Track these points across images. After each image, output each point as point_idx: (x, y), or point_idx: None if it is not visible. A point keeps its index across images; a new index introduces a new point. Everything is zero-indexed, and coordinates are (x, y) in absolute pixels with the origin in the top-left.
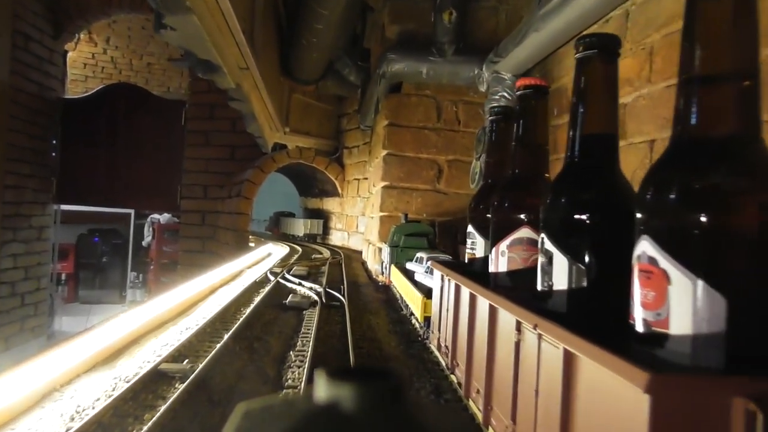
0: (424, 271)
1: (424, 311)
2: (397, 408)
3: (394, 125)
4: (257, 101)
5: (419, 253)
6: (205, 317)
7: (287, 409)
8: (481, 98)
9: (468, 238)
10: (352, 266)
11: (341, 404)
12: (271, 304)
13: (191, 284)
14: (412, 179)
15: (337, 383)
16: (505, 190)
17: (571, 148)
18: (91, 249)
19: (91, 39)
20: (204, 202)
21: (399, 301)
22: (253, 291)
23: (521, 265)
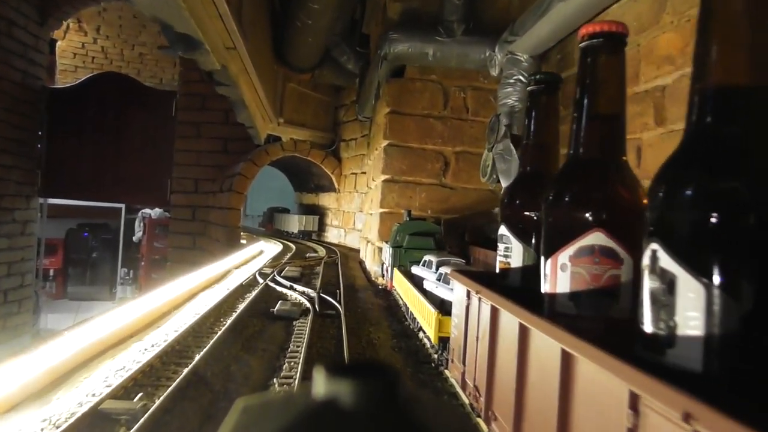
0: (436, 280)
1: (439, 330)
2: (394, 403)
3: (396, 113)
4: (247, 87)
5: (427, 256)
6: (177, 329)
7: (286, 404)
8: (492, 84)
9: (500, 242)
10: (348, 266)
11: (339, 400)
12: (256, 313)
13: (169, 288)
14: (415, 172)
15: (335, 379)
16: (566, 180)
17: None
18: (80, 244)
19: (80, 28)
20: (195, 196)
21: (402, 308)
22: (238, 296)
23: (591, 285)
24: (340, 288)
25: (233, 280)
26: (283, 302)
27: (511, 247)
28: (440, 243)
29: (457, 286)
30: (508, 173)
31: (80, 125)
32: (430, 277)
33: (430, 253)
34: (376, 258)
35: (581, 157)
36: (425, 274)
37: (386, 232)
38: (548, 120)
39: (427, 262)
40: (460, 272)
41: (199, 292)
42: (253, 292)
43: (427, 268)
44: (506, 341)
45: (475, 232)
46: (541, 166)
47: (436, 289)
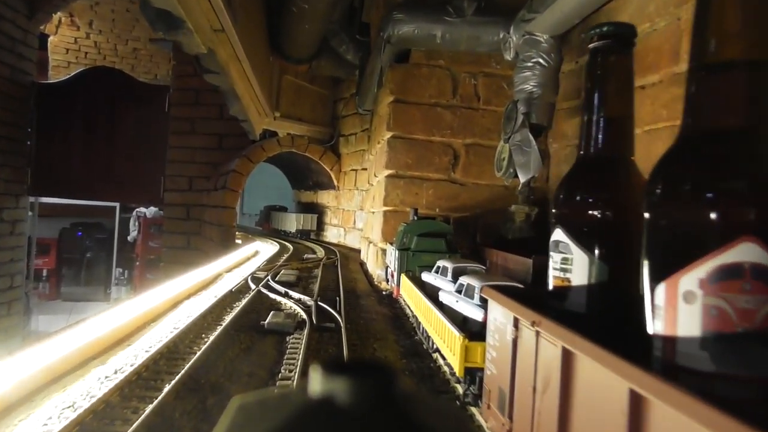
0: (456, 291)
1: (465, 359)
2: (392, 401)
3: (400, 102)
4: (239, 76)
5: (441, 262)
6: (149, 349)
7: (282, 402)
8: (505, 70)
9: (555, 250)
10: (349, 268)
11: (336, 398)
12: (245, 326)
13: (149, 297)
14: (422, 167)
15: (332, 377)
16: (691, 163)
17: None
18: (74, 244)
19: (72, 22)
20: (189, 194)
21: (411, 319)
22: (225, 305)
23: (739, 325)
24: (340, 294)
25: (223, 285)
26: (276, 313)
27: (572, 258)
28: (452, 245)
29: (495, 308)
30: (527, 166)
31: (70, 121)
32: (446, 286)
33: (443, 257)
34: (379, 261)
35: (712, 130)
36: (440, 284)
37: (390, 232)
38: (621, 86)
39: (441, 269)
40: (498, 289)
41: (183, 299)
42: (243, 301)
43: (441, 275)
44: (595, 408)
45: (488, 232)
46: (611, 148)
47: (456, 303)
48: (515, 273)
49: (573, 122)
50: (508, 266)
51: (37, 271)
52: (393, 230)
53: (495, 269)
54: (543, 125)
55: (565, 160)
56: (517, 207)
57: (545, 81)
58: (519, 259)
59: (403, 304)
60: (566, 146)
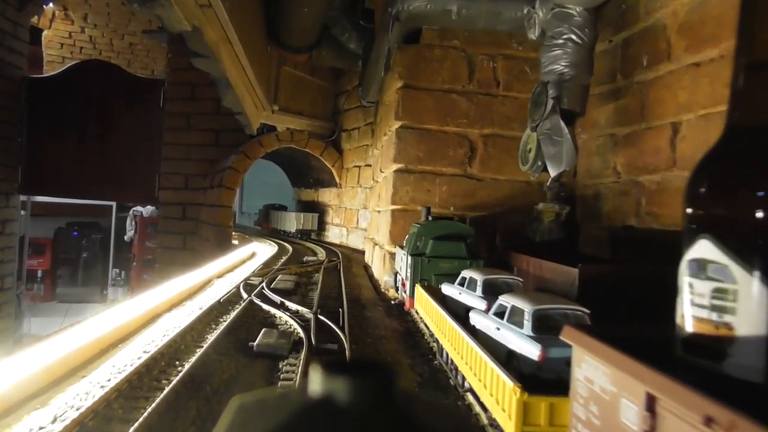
0: (494, 314)
1: (524, 420)
2: (391, 401)
3: (410, 87)
4: (231, 61)
5: (468, 272)
6: (106, 383)
7: (282, 402)
8: (528, 51)
9: (698, 275)
10: (352, 272)
11: (335, 398)
12: (230, 348)
13: (127, 308)
14: (434, 160)
15: (331, 377)
16: None
17: None
18: (69, 244)
19: (67, 16)
20: (185, 193)
21: (427, 337)
22: (211, 320)
23: None
24: (343, 304)
25: (211, 293)
26: (268, 331)
27: (735, 290)
28: (474, 250)
29: (593, 365)
30: (558, 158)
31: (62, 117)
32: (476, 304)
33: (464, 265)
34: (386, 265)
35: None
36: (468, 300)
37: (399, 233)
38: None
39: (468, 281)
40: (591, 332)
41: (164, 312)
42: (231, 314)
43: (468, 289)
44: None
45: (509, 234)
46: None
47: (496, 331)
48: (554, 285)
49: (606, 109)
50: (544, 276)
51: (31, 271)
52: (402, 231)
53: (523, 277)
54: (576, 111)
55: (597, 152)
56: (545, 205)
57: (578, 60)
58: (560, 268)
59: (417, 318)
60: (598, 136)
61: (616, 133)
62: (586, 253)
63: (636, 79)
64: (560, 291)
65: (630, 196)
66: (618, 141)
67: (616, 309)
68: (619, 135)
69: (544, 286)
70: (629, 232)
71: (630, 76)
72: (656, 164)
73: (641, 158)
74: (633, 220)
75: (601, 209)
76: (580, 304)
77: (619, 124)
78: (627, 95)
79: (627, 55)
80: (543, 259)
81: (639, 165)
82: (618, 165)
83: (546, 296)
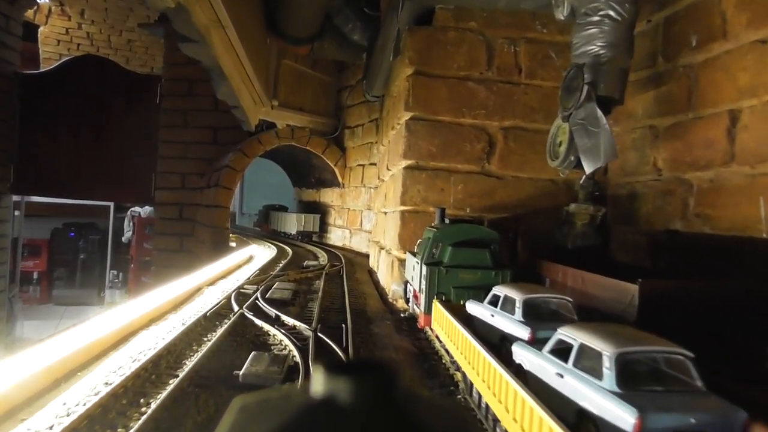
0: (552, 351)
1: None
2: (392, 401)
3: (422, 74)
4: (224, 48)
5: (501, 290)
6: (53, 426)
7: (284, 402)
8: (554, 34)
9: None
10: (356, 278)
11: (337, 398)
12: (210, 379)
13: (97, 324)
14: (448, 156)
15: (333, 377)
16: None
17: None
18: (66, 245)
19: (63, 12)
20: (182, 193)
21: (449, 364)
22: (193, 339)
23: None
24: (347, 319)
25: (199, 304)
26: (258, 355)
27: None
28: (499, 258)
29: None
30: (594, 152)
31: (56, 115)
32: (517, 332)
33: (489, 275)
34: (395, 273)
35: None
36: (504, 325)
37: (409, 237)
38: None
39: (503, 301)
40: None
41: (140, 329)
42: (218, 331)
43: (503, 311)
44: None
45: (532, 238)
46: None
47: (561, 380)
48: (601, 303)
49: (644, 97)
50: (587, 291)
51: (27, 273)
52: (413, 235)
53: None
54: (614, 98)
55: (633, 147)
56: (577, 206)
57: (617, 40)
58: (611, 282)
59: (432, 335)
60: (634, 129)
61: (657, 124)
62: (622, 261)
63: (682, 61)
64: (611, 311)
65: (674, 195)
66: (659, 133)
67: (684, 335)
68: (661, 126)
69: (586, 303)
70: (674, 238)
71: (674, 58)
72: (709, 159)
73: (689, 152)
74: (678, 224)
75: (638, 211)
76: (640, 327)
77: (661, 114)
78: (670, 81)
79: (670, 36)
80: (586, 271)
81: (686, 160)
82: (659, 161)
83: (627, 330)
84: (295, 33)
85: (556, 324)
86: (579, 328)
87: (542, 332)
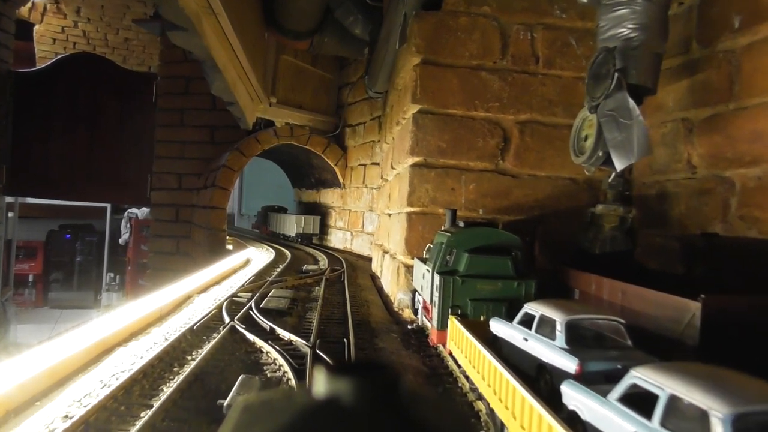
0: (624, 398)
1: None
2: (396, 401)
3: (430, 64)
4: (218, 39)
5: (536, 308)
6: None
7: (287, 403)
8: (574, 20)
9: None
10: (358, 284)
11: (340, 398)
12: (190, 410)
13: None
14: (459, 153)
15: (336, 377)
16: None
17: None
18: (62, 247)
19: (59, 9)
20: (178, 194)
21: (469, 390)
22: (174, 359)
23: None
24: (349, 330)
25: (186, 315)
26: (247, 380)
27: None
28: (520, 266)
29: None
30: (626, 147)
31: (50, 113)
32: (559, 361)
33: (510, 285)
34: (401, 279)
35: None
36: (544, 354)
37: (417, 241)
38: None
39: (539, 321)
40: None
41: (118, 344)
42: (204, 347)
43: (539, 333)
44: None
45: (551, 243)
46: None
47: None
48: (651, 321)
49: (676, 87)
50: (630, 306)
51: (22, 276)
52: (421, 239)
53: (593, 301)
54: (647, 87)
55: (663, 142)
56: (605, 207)
57: (650, 21)
58: (662, 298)
59: (444, 351)
60: (663, 122)
61: (691, 117)
62: (653, 268)
63: (721, 46)
64: (663, 332)
65: (713, 195)
66: (694, 126)
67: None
68: (696, 119)
69: (633, 318)
70: (712, 242)
71: (712, 43)
72: (756, 154)
73: (731, 147)
74: (717, 227)
75: (669, 213)
76: (703, 351)
77: (696, 105)
78: (707, 68)
79: (707, 18)
80: (629, 283)
81: (727, 156)
82: (694, 156)
83: (735, 376)
84: (295, 26)
85: (608, 352)
86: (665, 371)
87: (593, 364)
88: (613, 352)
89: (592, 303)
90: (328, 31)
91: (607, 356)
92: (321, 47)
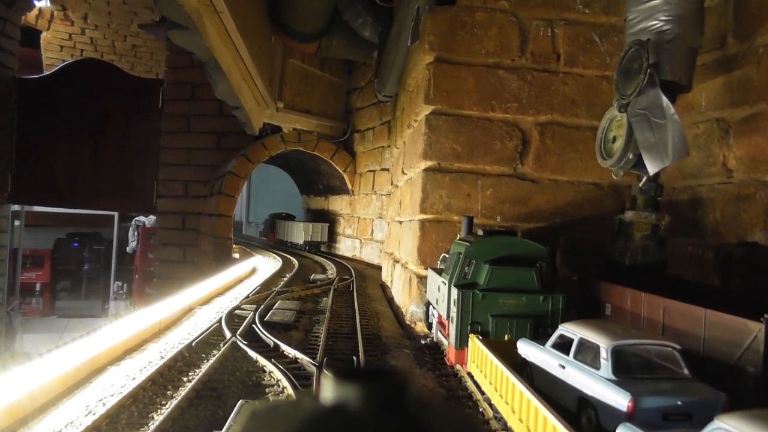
0: None
1: None
2: (403, 407)
3: (444, 62)
4: (221, 39)
5: (573, 330)
6: None
7: (294, 409)
8: (597, 15)
9: None
10: (368, 294)
11: (347, 404)
12: None
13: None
14: (475, 156)
15: (343, 383)
16: None
17: None
18: (69, 255)
19: (66, 17)
20: (184, 201)
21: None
22: (169, 380)
23: None
24: (359, 347)
25: (186, 330)
26: (247, 404)
27: None
28: (546, 278)
29: None
30: (660, 148)
31: (55, 120)
32: (605, 394)
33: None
34: (413, 291)
35: None
36: (586, 386)
37: (430, 250)
38: None
39: (578, 346)
40: None
41: (111, 362)
42: (202, 367)
43: (578, 360)
44: None
45: (576, 252)
46: None
47: None
48: (700, 342)
49: (710, 85)
50: (674, 325)
51: (29, 285)
52: (434, 248)
53: (634, 323)
54: (681, 83)
55: (695, 144)
56: (635, 214)
57: (685, 12)
58: (715, 317)
59: (462, 370)
60: (695, 123)
61: (727, 117)
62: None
63: (760, 41)
64: (717, 355)
65: (752, 201)
66: (730, 127)
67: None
68: (733, 119)
69: (680, 339)
70: (753, 252)
71: (750, 38)
72: None
73: None
74: (758, 235)
75: (703, 220)
76: None
77: (733, 104)
78: (745, 64)
79: (745, 11)
80: (672, 299)
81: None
82: (730, 159)
83: None
84: (302, 28)
85: (662, 385)
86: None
87: (648, 399)
88: (669, 385)
89: (627, 320)
90: (336, 33)
91: (662, 389)
92: (329, 50)
